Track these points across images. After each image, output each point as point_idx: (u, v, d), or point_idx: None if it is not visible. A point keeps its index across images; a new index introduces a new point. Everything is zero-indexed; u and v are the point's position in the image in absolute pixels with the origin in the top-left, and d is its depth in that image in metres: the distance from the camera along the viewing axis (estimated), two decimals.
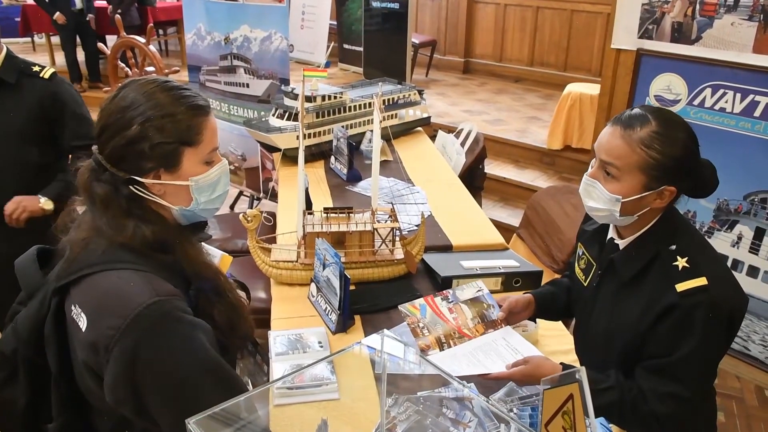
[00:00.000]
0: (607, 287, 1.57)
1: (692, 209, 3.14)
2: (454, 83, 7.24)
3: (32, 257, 1.32)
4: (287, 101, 3.35)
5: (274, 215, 2.93)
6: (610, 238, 1.58)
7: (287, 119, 3.29)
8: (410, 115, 3.84)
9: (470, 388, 1.57)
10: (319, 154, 3.37)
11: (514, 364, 1.56)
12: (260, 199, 4.48)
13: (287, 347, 1.82)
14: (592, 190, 1.47)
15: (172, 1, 8.27)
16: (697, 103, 3.05)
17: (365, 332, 1.96)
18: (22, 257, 1.33)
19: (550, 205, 3.34)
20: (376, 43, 6.53)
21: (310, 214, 2.28)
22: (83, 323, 1.15)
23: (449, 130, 4.30)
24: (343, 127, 3.25)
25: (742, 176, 2.96)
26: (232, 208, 4.89)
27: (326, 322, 1.99)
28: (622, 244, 1.53)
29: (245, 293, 1.77)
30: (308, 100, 3.28)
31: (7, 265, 2.46)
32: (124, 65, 4.54)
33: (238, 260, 2.66)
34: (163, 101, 1.21)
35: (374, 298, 2.11)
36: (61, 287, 1.21)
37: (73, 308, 1.18)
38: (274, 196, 3.62)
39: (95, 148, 1.24)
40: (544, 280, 2.24)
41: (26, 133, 2.33)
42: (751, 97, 2.87)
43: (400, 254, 2.23)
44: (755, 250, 3.00)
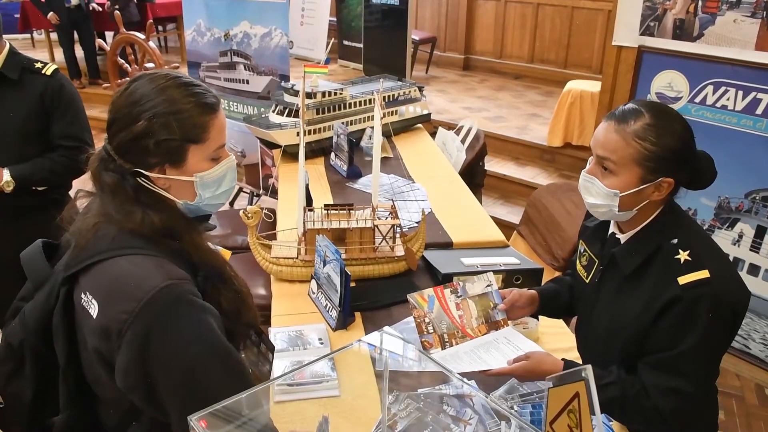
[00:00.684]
0: (608, 283, 1.57)
1: (693, 207, 3.14)
2: (454, 80, 7.23)
3: (38, 249, 1.32)
4: (287, 98, 3.34)
5: (274, 212, 2.93)
6: (611, 233, 1.58)
7: (287, 116, 3.28)
8: (410, 111, 3.83)
9: (471, 385, 1.57)
10: (319, 150, 3.36)
11: (515, 359, 1.56)
12: (260, 195, 4.47)
13: (288, 344, 1.81)
14: (590, 186, 1.48)
15: None
16: (698, 100, 3.04)
17: (366, 329, 1.95)
18: (28, 249, 1.34)
19: (550, 202, 3.34)
20: (376, 39, 6.51)
21: (310, 210, 2.27)
22: (94, 310, 1.15)
23: (449, 127, 4.29)
24: (343, 123, 3.25)
25: (743, 174, 2.96)
26: (231, 204, 4.88)
27: (327, 318, 1.98)
28: (623, 238, 1.53)
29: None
30: (308, 96, 3.27)
31: (7, 261, 2.47)
32: (123, 62, 4.52)
33: (238, 257, 2.66)
34: (172, 97, 1.21)
35: (375, 294, 2.10)
36: (70, 276, 1.21)
37: (83, 296, 1.18)
38: (274, 192, 3.62)
39: (105, 137, 1.25)
40: (544, 277, 2.23)
41: (27, 129, 2.33)
42: (753, 94, 2.86)
43: (400, 251, 2.22)
44: (756, 248, 3.00)
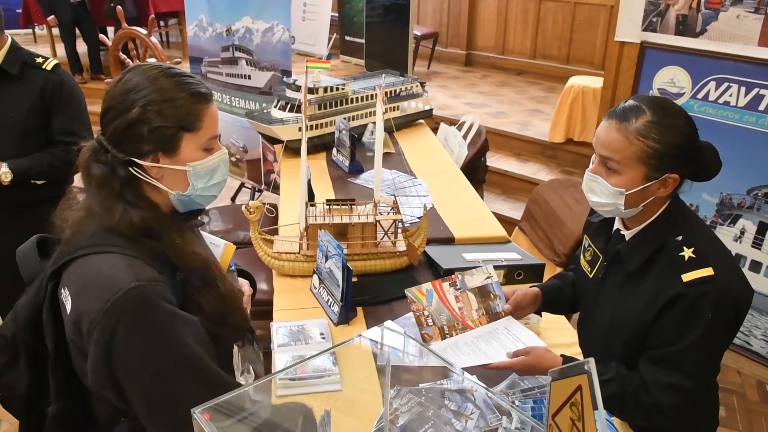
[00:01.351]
0: (612, 279, 1.57)
1: (695, 203, 3.14)
2: (455, 75, 7.22)
3: (32, 245, 1.35)
4: (289, 93, 3.34)
5: (276, 207, 2.93)
6: (616, 229, 1.58)
7: (289, 111, 3.28)
8: (412, 107, 3.83)
9: (472, 380, 1.57)
10: (321, 146, 3.36)
11: (515, 353, 1.57)
12: (262, 190, 4.47)
13: (289, 338, 1.82)
14: (594, 185, 1.47)
15: None
16: (701, 96, 3.04)
17: (367, 324, 1.96)
18: (22, 246, 1.36)
19: (552, 198, 3.34)
20: (377, 34, 6.50)
21: (312, 206, 2.27)
22: (69, 305, 1.17)
23: (451, 122, 4.29)
24: (345, 119, 3.25)
25: (745, 171, 2.95)
26: (233, 199, 4.88)
27: (328, 313, 1.98)
28: (628, 234, 1.52)
29: (249, 282, 1.77)
30: (310, 91, 3.27)
31: (6, 257, 2.48)
32: (125, 57, 4.52)
33: (240, 251, 2.65)
34: (165, 86, 1.22)
35: (376, 289, 2.11)
36: (54, 272, 1.23)
37: (62, 291, 1.20)
38: (275, 187, 3.62)
39: (98, 129, 1.26)
40: (546, 273, 2.24)
41: (27, 124, 2.33)
42: (755, 90, 2.85)
43: (402, 246, 2.22)
44: (758, 244, 3.00)
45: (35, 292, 1.26)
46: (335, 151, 3.27)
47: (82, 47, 7.34)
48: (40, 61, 2.36)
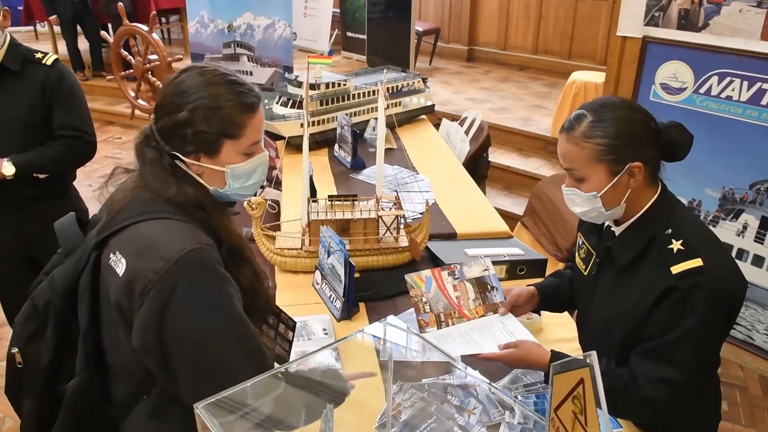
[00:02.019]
0: (605, 275, 1.57)
1: (698, 198, 3.13)
2: (457, 71, 7.21)
3: (73, 219, 1.40)
4: (291, 89, 3.34)
5: (278, 203, 2.93)
6: (607, 225, 1.59)
7: (291, 107, 3.28)
8: (414, 103, 3.83)
9: (475, 375, 1.57)
10: (323, 141, 3.36)
11: (505, 345, 1.59)
12: (264, 187, 4.47)
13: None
14: (573, 197, 1.51)
15: None
16: (703, 91, 3.03)
17: (370, 319, 1.96)
18: (61, 220, 1.41)
19: (554, 193, 3.34)
20: (379, 30, 6.49)
21: (314, 201, 2.27)
22: (121, 268, 1.21)
23: (453, 118, 4.28)
24: (347, 115, 3.24)
25: (748, 165, 2.95)
26: None
27: (331, 309, 1.99)
28: (617, 230, 1.53)
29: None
30: (312, 87, 3.27)
31: (9, 251, 2.49)
32: (127, 53, 4.52)
33: None
34: (215, 93, 1.28)
35: (379, 285, 2.11)
36: (101, 240, 1.28)
37: (111, 256, 1.25)
38: (278, 184, 3.62)
39: (152, 117, 1.32)
40: (548, 268, 2.24)
41: (30, 119, 2.34)
42: (758, 85, 2.84)
43: (404, 242, 2.23)
44: (761, 239, 2.99)
45: (75, 262, 1.31)
46: (337, 147, 3.27)
47: (83, 44, 7.34)
48: (39, 56, 2.37)
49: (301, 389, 1.28)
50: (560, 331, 1.95)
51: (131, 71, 4.57)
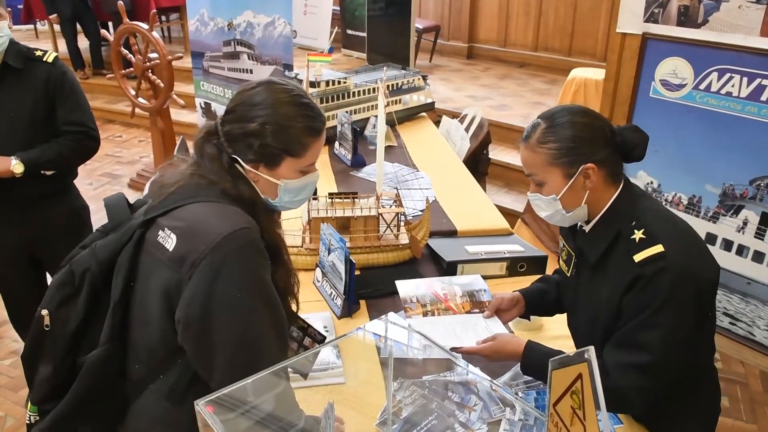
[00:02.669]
0: (583, 275, 1.60)
1: (698, 194, 3.13)
2: (458, 68, 7.20)
3: (122, 197, 1.47)
4: None
5: None
6: (579, 226, 1.61)
7: None
8: (414, 100, 3.83)
9: (475, 372, 1.58)
10: None
11: (483, 340, 1.64)
12: None
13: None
14: (538, 202, 1.56)
15: None
16: (703, 87, 3.03)
17: (370, 317, 1.97)
18: (111, 197, 1.47)
19: None
20: (379, 28, 6.48)
21: (314, 199, 2.28)
22: (171, 243, 1.27)
23: (453, 115, 4.28)
24: (347, 112, 3.25)
25: (748, 161, 2.95)
26: None
27: (331, 306, 1.99)
28: (587, 229, 1.56)
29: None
30: (312, 85, 3.27)
31: (15, 249, 2.50)
32: (127, 52, 4.52)
33: None
34: (286, 112, 1.35)
35: (379, 282, 2.11)
36: (149, 219, 1.34)
37: (160, 233, 1.30)
38: None
39: (220, 116, 1.40)
40: (548, 265, 2.24)
41: (35, 117, 2.35)
42: (758, 81, 2.84)
43: (405, 239, 2.23)
44: (761, 235, 2.99)
45: (119, 237, 1.37)
46: (337, 144, 3.27)
47: (83, 43, 7.34)
48: (39, 54, 2.38)
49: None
50: (561, 327, 1.95)
51: (131, 69, 4.57)
